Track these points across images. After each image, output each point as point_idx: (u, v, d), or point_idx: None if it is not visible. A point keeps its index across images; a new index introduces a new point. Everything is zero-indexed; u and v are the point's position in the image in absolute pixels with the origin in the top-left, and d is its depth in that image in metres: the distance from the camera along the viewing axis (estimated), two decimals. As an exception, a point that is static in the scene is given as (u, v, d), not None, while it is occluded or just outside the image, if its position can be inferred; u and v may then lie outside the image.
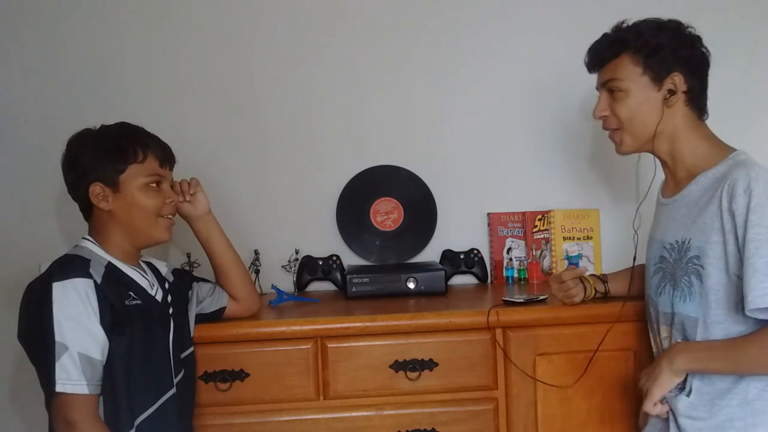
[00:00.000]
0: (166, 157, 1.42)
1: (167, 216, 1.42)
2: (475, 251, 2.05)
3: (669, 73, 1.35)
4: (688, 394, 1.31)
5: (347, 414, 1.57)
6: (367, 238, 2.07)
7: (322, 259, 2.01)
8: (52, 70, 2.00)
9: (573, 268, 1.63)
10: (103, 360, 1.25)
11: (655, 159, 1.45)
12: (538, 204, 2.08)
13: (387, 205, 2.08)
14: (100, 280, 1.28)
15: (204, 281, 1.58)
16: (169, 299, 1.44)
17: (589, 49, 1.46)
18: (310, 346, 1.56)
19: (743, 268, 1.21)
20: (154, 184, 1.39)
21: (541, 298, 1.65)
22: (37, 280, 1.28)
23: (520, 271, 2.06)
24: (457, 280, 2.07)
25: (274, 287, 1.85)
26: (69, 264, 1.29)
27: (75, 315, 1.22)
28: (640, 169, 1.58)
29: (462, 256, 2.04)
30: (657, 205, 1.49)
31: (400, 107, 2.08)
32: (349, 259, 2.06)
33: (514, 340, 1.57)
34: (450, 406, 1.58)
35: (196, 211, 1.52)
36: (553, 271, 2.01)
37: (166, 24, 2.03)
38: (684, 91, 1.36)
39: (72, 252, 1.34)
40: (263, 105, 2.06)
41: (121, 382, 1.27)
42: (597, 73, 1.46)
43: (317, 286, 2.02)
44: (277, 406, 1.56)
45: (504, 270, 2.06)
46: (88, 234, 1.39)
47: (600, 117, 1.45)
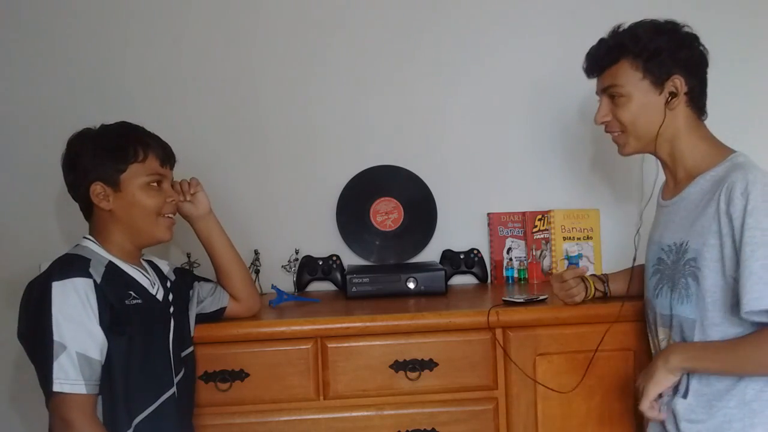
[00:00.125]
0: (166, 157, 1.42)
1: (168, 215, 1.42)
2: (475, 251, 2.05)
3: (669, 76, 1.35)
4: (684, 395, 1.31)
5: (347, 414, 1.57)
6: (367, 238, 2.07)
7: (322, 259, 2.01)
8: (52, 70, 2.00)
9: (574, 267, 1.63)
10: (101, 360, 1.25)
11: (656, 160, 1.45)
12: (538, 204, 2.08)
13: (387, 205, 2.08)
14: (99, 280, 1.28)
15: (205, 281, 1.58)
16: (171, 298, 1.44)
17: (587, 54, 1.45)
18: (310, 346, 1.56)
19: (739, 270, 1.21)
20: (155, 184, 1.39)
21: (541, 298, 1.65)
22: (36, 280, 1.28)
23: (520, 271, 2.06)
24: (457, 280, 2.07)
25: (274, 287, 1.85)
26: (69, 263, 1.29)
27: (74, 315, 1.22)
28: (645, 169, 1.57)
29: (462, 256, 2.04)
30: (657, 206, 1.49)
31: (401, 107, 2.08)
32: (349, 259, 2.06)
33: (514, 340, 1.57)
34: (450, 406, 1.58)
35: (198, 210, 1.52)
36: (553, 271, 2.02)
37: (167, 24, 2.03)
38: (685, 93, 1.36)
39: (72, 251, 1.34)
40: (263, 105, 2.06)
41: (120, 382, 1.27)
42: (596, 78, 1.46)
43: (317, 286, 2.02)
44: (277, 406, 1.56)
45: (504, 270, 2.06)
46: (89, 233, 1.39)
47: (602, 123, 1.45)
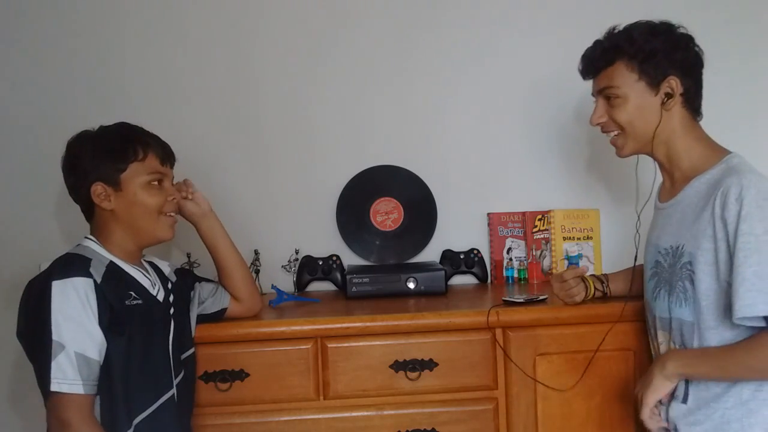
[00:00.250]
0: (166, 155, 1.42)
1: (170, 214, 1.42)
2: (475, 251, 2.05)
3: (665, 77, 1.35)
4: (684, 400, 1.31)
5: (347, 414, 1.57)
6: (367, 238, 2.07)
7: (322, 259, 2.01)
8: (52, 70, 2.00)
9: (574, 267, 1.63)
10: (100, 360, 1.24)
11: (653, 161, 1.45)
12: (538, 204, 2.08)
13: (387, 205, 2.08)
14: (100, 280, 1.27)
15: (207, 281, 1.58)
16: (171, 299, 1.44)
17: (582, 56, 1.45)
18: (310, 346, 1.56)
19: (732, 275, 1.22)
20: (156, 182, 1.39)
21: (541, 298, 1.65)
22: (37, 278, 1.28)
23: (520, 271, 2.06)
24: (457, 280, 2.07)
25: (274, 287, 1.85)
26: (69, 263, 1.29)
27: (73, 314, 1.22)
28: (639, 170, 1.58)
29: (462, 256, 2.04)
30: (654, 208, 1.49)
31: (400, 107, 2.08)
32: (349, 259, 2.06)
33: (514, 340, 1.57)
34: (450, 406, 1.58)
35: (200, 209, 1.52)
36: (553, 271, 2.01)
37: (167, 24, 2.03)
38: (681, 94, 1.36)
39: (74, 251, 1.34)
40: (263, 105, 2.06)
41: (119, 382, 1.27)
42: (591, 80, 1.46)
43: (317, 286, 2.02)
44: (277, 406, 1.56)
45: (504, 270, 2.06)
46: (90, 234, 1.38)
47: (597, 124, 1.45)
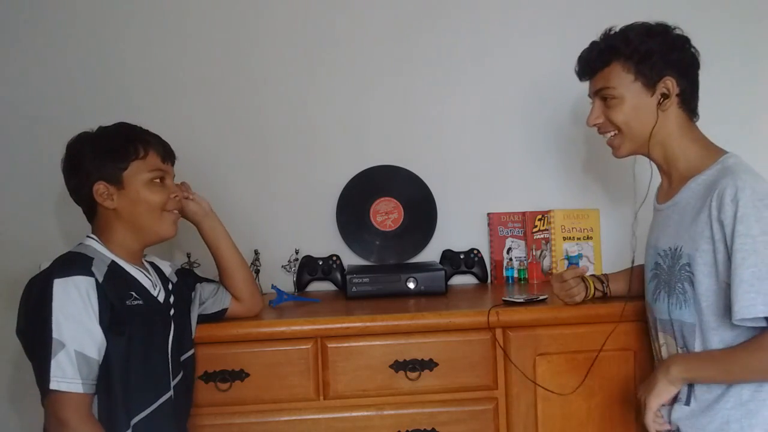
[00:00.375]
0: (167, 153, 1.42)
1: (172, 211, 1.42)
2: (475, 251, 2.05)
3: (661, 78, 1.35)
4: (686, 402, 1.32)
5: (347, 414, 1.57)
6: (367, 238, 2.07)
7: (322, 259, 2.01)
8: (52, 70, 2.00)
9: (574, 267, 1.63)
10: (99, 359, 1.24)
11: (650, 161, 1.46)
12: (538, 204, 2.08)
13: (387, 205, 2.08)
14: (101, 279, 1.27)
15: (208, 281, 1.58)
16: (172, 300, 1.44)
17: (578, 57, 1.46)
18: (310, 346, 1.56)
19: (730, 277, 1.22)
20: (158, 180, 1.39)
21: (541, 298, 1.65)
22: (38, 277, 1.28)
23: (520, 271, 2.06)
24: (457, 280, 2.07)
25: (274, 287, 1.85)
26: (71, 261, 1.29)
27: (74, 313, 1.22)
28: (636, 171, 1.58)
29: (462, 256, 2.04)
30: (653, 210, 1.49)
31: (400, 107, 2.08)
32: (349, 259, 2.06)
33: (514, 340, 1.57)
34: (450, 406, 1.58)
35: (202, 208, 1.52)
36: (553, 271, 2.01)
37: (167, 24, 2.03)
38: (677, 94, 1.36)
39: (76, 249, 1.34)
40: (263, 105, 2.06)
41: (119, 382, 1.27)
42: (588, 81, 1.46)
43: (317, 286, 2.02)
44: (277, 406, 1.56)
45: (504, 270, 2.06)
46: (92, 233, 1.38)
47: (594, 124, 1.46)
